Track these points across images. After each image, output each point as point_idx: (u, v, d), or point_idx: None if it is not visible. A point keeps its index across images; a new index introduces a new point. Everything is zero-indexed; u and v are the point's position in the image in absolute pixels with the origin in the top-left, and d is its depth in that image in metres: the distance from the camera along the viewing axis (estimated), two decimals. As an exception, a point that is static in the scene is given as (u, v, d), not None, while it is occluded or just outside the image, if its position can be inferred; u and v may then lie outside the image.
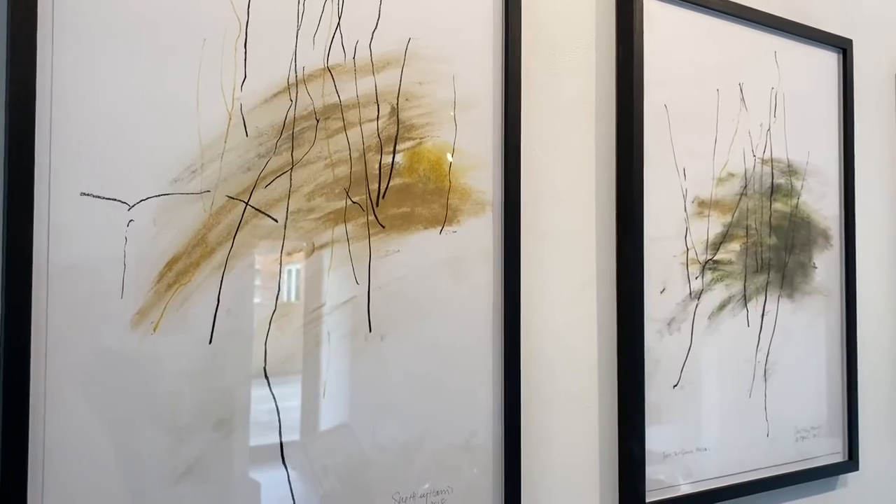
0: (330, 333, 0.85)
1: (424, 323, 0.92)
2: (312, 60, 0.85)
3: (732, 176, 1.22)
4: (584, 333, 1.09)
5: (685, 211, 1.16)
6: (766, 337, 1.26)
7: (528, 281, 1.02)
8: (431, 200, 0.93)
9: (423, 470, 0.91)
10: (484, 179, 0.97)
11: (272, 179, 0.82)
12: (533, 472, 1.03)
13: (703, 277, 1.18)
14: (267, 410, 0.81)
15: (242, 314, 0.80)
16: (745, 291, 1.23)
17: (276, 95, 0.82)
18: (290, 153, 0.83)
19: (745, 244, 1.22)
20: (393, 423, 0.89)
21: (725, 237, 1.20)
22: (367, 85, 0.88)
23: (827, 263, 1.36)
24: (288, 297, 0.82)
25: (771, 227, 1.26)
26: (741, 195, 1.23)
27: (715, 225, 1.19)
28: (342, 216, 0.86)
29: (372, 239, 0.88)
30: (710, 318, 1.18)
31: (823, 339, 1.35)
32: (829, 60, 1.39)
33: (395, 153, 0.90)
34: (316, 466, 0.85)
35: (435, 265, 0.93)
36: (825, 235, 1.35)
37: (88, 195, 0.73)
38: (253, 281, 0.80)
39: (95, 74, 0.73)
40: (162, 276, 0.76)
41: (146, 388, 0.75)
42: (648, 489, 1.10)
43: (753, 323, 1.24)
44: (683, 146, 1.16)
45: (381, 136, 0.89)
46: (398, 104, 0.90)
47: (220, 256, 0.79)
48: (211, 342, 0.78)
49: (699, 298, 1.17)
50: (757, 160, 1.25)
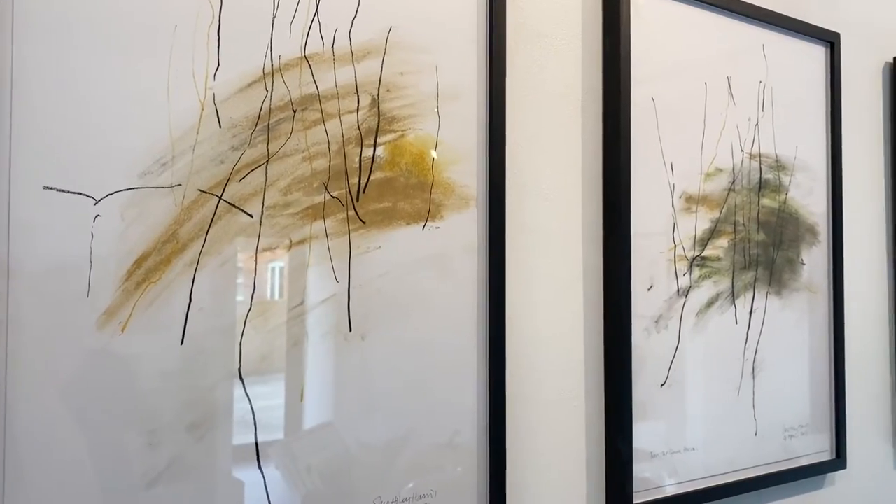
0: (308, 332, 0.82)
1: (407, 321, 0.89)
2: (289, 49, 0.82)
3: (720, 171, 1.20)
4: (570, 331, 1.07)
5: (672, 206, 1.14)
6: (754, 334, 1.24)
7: (513, 278, 1.00)
8: (414, 195, 0.90)
9: (405, 471, 0.89)
10: (468, 174, 0.94)
11: (247, 173, 0.78)
12: (518, 471, 1.00)
13: (690, 274, 1.16)
14: (242, 412, 0.78)
15: (216, 313, 0.77)
16: (732, 288, 1.21)
17: (250, 85, 0.79)
18: (265, 145, 0.80)
19: (732, 240, 1.21)
20: (374, 423, 0.87)
21: (713, 233, 1.18)
22: (346, 75, 0.85)
23: (815, 260, 1.34)
24: (264, 295, 0.79)
25: (759, 222, 1.24)
26: (729, 190, 1.21)
27: (703, 221, 1.17)
28: (321, 211, 0.83)
29: (352, 235, 0.85)
30: (697, 315, 1.16)
31: (811, 336, 1.34)
32: (816, 54, 1.37)
33: (375, 146, 0.87)
34: (294, 468, 0.82)
35: (418, 262, 0.90)
36: (813, 231, 1.34)
37: (52, 189, 0.69)
38: (227, 278, 0.77)
39: (59, 62, 0.70)
40: (131, 273, 0.73)
41: (115, 390, 0.72)
42: (636, 489, 1.08)
43: (741, 320, 1.22)
44: (671, 140, 1.14)
45: (361, 128, 0.86)
46: (379, 95, 0.87)
47: (192, 253, 0.75)
48: (183, 342, 0.75)
49: (687, 295, 1.15)
50: (745, 155, 1.23)
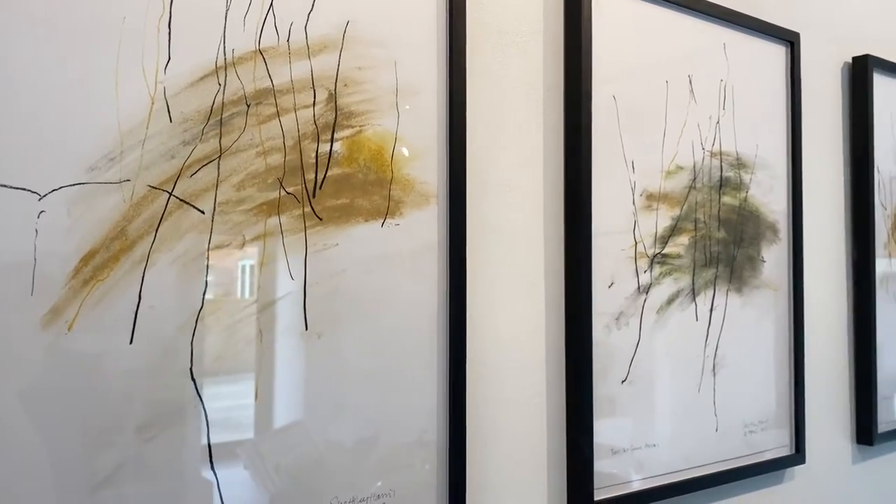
0: (263, 331, 0.80)
1: (365, 320, 0.88)
2: (243, 42, 0.80)
3: (681, 169, 1.20)
4: (532, 329, 1.07)
5: (634, 204, 1.14)
6: (714, 331, 1.25)
7: (474, 275, 0.99)
8: (372, 192, 0.89)
9: (364, 471, 0.87)
10: (428, 170, 0.94)
11: (198, 168, 0.77)
12: (480, 470, 1.00)
13: (651, 271, 1.16)
14: (194, 412, 0.76)
15: (166, 311, 0.75)
16: (693, 285, 1.21)
17: (202, 79, 0.77)
18: (218, 140, 0.78)
19: (693, 238, 1.21)
20: (331, 424, 0.85)
21: (674, 231, 1.19)
22: (302, 69, 0.84)
23: (775, 257, 1.36)
24: (216, 292, 0.77)
25: (719, 220, 1.25)
26: (690, 188, 1.21)
27: (663, 218, 1.18)
28: (275, 207, 0.81)
29: (308, 232, 0.84)
30: (658, 312, 1.17)
31: (771, 333, 1.35)
32: (777, 53, 1.39)
33: (332, 141, 0.86)
34: (250, 469, 0.81)
35: (376, 259, 0.89)
36: (773, 229, 1.35)
37: (-8, 183, 0.67)
38: (177, 276, 0.75)
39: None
40: (77, 271, 0.71)
41: (61, 391, 0.70)
42: (597, 486, 1.08)
43: (702, 317, 1.23)
44: (632, 139, 1.14)
45: (317, 123, 0.85)
46: (336, 90, 0.86)
47: (141, 250, 0.74)
48: (132, 341, 0.73)
49: (648, 293, 1.16)
50: (706, 153, 1.24)
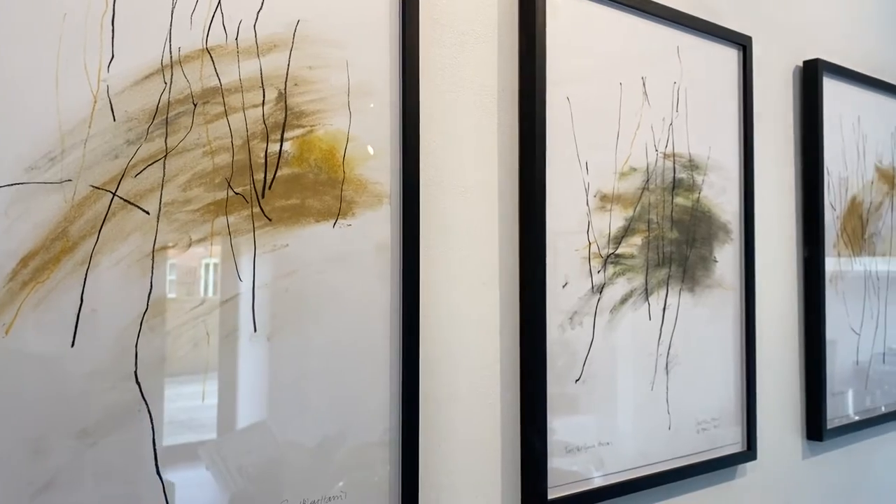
0: (210, 334, 0.79)
1: (316, 321, 0.88)
2: (190, 40, 0.79)
3: (634, 170, 1.22)
4: (486, 329, 1.07)
5: (587, 205, 1.15)
6: (667, 330, 1.27)
7: (428, 276, 0.99)
8: (324, 192, 0.88)
9: (312, 474, 0.87)
10: (381, 170, 0.93)
11: (143, 168, 0.75)
12: (433, 470, 1.00)
13: (605, 271, 1.17)
14: (139, 416, 0.75)
15: (109, 314, 0.73)
16: (646, 285, 1.23)
17: (147, 77, 0.76)
18: (163, 140, 0.77)
19: (646, 238, 1.23)
20: (280, 426, 0.85)
21: (627, 231, 1.20)
22: (251, 68, 0.83)
23: (727, 257, 1.38)
24: (162, 294, 0.76)
25: (672, 221, 1.27)
26: (643, 189, 1.23)
27: (617, 219, 1.19)
28: (223, 208, 0.81)
29: (257, 233, 0.83)
30: (612, 311, 1.18)
31: (723, 331, 1.38)
32: (729, 57, 1.41)
33: (282, 141, 0.85)
34: (198, 474, 0.80)
35: (328, 260, 0.89)
36: (725, 230, 1.38)
37: (-75, 183, 0.65)
38: (121, 278, 0.74)
39: (-67, 48, 0.66)
40: (15, 273, 0.69)
41: (-1, 396, 0.68)
42: (551, 485, 1.09)
43: (655, 316, 1.25)
44: (586, 140, 1.15)
45: (266, 122, 0.84)
46: (286, 89, 0.85)
47: (83, 251, 0.72)
48: (74, 345, 0.72)
49: (601, 292, 1.17)
50: (659, 155, 1.26)
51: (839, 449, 1.69)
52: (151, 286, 0.76)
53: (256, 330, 0.83)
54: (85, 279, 0.72)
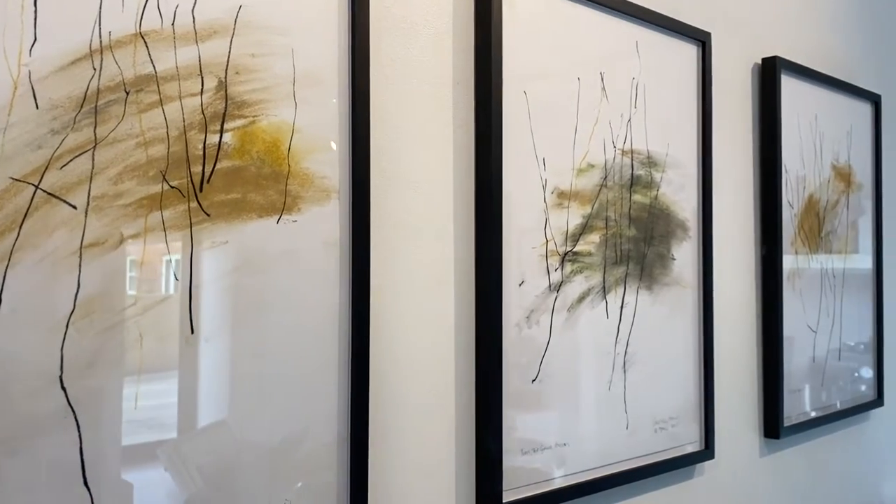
0: (143, 335, 0.75)
1: (259, 322, 0.84)
2: (121, 24, 0.74)
3: (592, 167, 1.20)
4: (440, 328, 1.04)
5: (545, 202, 1.13)
6: (625, 329, 1.25)
7: (379, 274, 0.96)
8: (267, 186, 0.84)
9: (258, 483, 0.83)
10: (329, 164, 0.90)
11: (69, 159, 0.71)
12: (385, 473, 0.96)
13: (562, 269, 1.15)
14: (65, 424, 0.70)
15: (32, 315, 0.69)
16: (604, 283, 1.21)
17: (74, 63, 0.71)
18: (92, 129, 0.72)
19: (604, 236, 1.21)
20: (218, 432, 0.81)
21: (585, 228, 1.18)
22: (189, 55, 0.79)
23: (685, 255, 1.37)
24: (90, 294, 0.72)
25: (630, 218, 1.25)
26: (601, 186, 1.21)
27: (574, 216, 1.17)
28: (158, 202, 0.76)
29: (194, 229, 0.79)
30: (569, 310, 1.16)
31: (681, 329, 1.37)
32: (689, 53, 1.40)
33: (222, 132, 0.81)
34: (128, 484, 0.75)
35: (272, 258, 0.85)
36: (683, 227, 1.37)
37: None
38: (45, 276, 0.69)
39: None
40: (-74, 271, 0.64)
41: None
42: (506, 487, 1.06)
43: (612, 315, 1.23)
44: (543, 135, 1.13)
45: (205, 112, 0.80)
46: (227, 77, 0.81)
47: (2, 248, 0.67)
48: (-8, 348, 0.67)
49: (558, 290, 1.15)
50: (617, 151, 1.24)
51: (796, 446, 1.70)
52: (79, 285, 0.71)
53: (194, 331, 0.78)
54: (4, 278, 0.67)
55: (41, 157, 0.69)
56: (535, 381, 1.12)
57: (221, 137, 0.80)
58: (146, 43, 0.76)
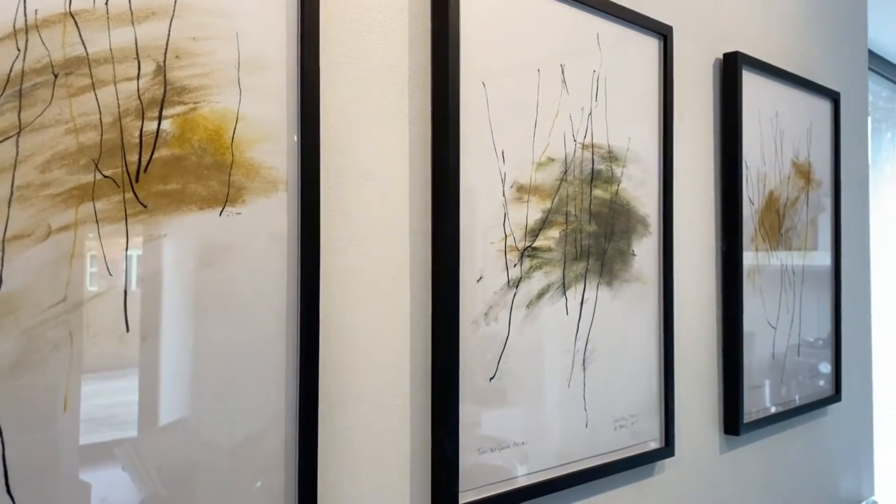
0: (73, 334, 0.70)
1: (200, 319, 0.79)
2: (49, 3, 0.70)
3: (552, 161, 1.17)
4: (395, 325, 1.01)
5: (504, 196, 1.10)
6: (584, 325, 1.23)
7: (330, 269, 0.92)
8: (209, 176, 0.80)
9: (201, 489, 0.79)
10: (276, 153, 0.86)
11: (-10, 145, 0.66)
12: (336, 474, 0.93)
13: (521, 265, 1.13)
14: (-13, 429, 0.66)
15: (-52, 312, 0.64)
16: (564, 279, 1.19)
17: (-4, 42, 0.67)
18: (16, 114, 0.67)
19: (564, 231, 1.19)
20: (158, 437, 0.76)
21: (545, 224, 1.16)
22: (124, 37, 0.74)
23: (646, 251, 1.35)
24: (14, 290, 0.67)
25: (591, 213, 1.23)
26: (561, 181, 1.18)
27: (534, 211, 1.14)
28: (89, 193, 0.72)
29: (130, 221, 0.74)
30: (528, 307, 1.14)
31: (641, 326, 1.35)
32: (650, 46, 1.38)
33: (160, 119, 0.76)
34: (58, 492, 0.71)
35: (214, 252, 0.81)
36: (644, 223, 1.35)
37: None
38: (-38, 271, 0.65)
39: None
40: None
41: None
42: (462, 488, 1.04)
43: (572, 311, 1.21)
44: (502, 128, 1.10)
45: (142, 98, 0.75)
46: (166, 62, 0.77)
47: (-86, 240, 0.63)
48: None
49: (517, 287, 1.12)
50: (577, 145, 1.22)
51: (756, 442, 1.70)
52: (1, 281, 0.66)
53: (129, 329, 0.74)
54: (-83, 272, 0.62)
55: (-41, 142, 0.65)
56: (493, 379, 1.09)
57: (160, 125, 0.76)
58: (77, 23, 0.71)
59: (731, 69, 1.60)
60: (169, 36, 0.77)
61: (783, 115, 1.76)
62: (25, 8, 0.68)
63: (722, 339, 1.60)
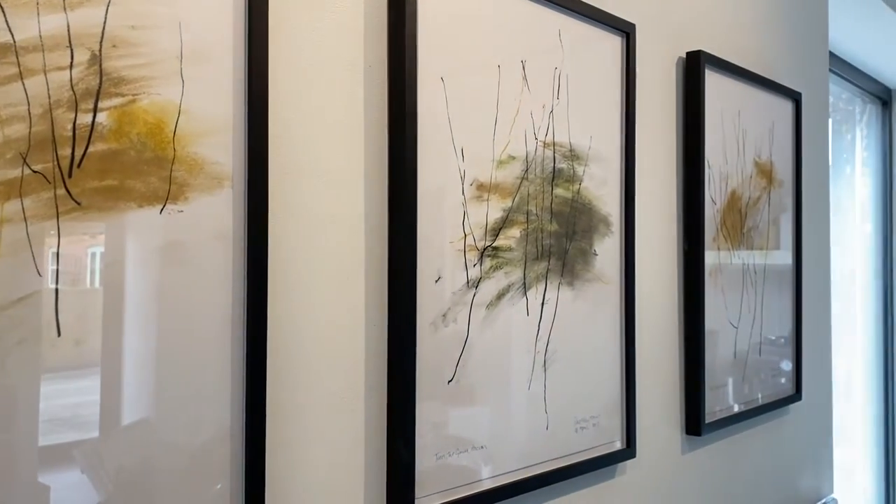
0: (-2, 338, 0.66)
1: (138, 323, 0.75)
2: (-28, -15, 0.65)
3: (513, 159, 1.15)
4: (349, 328, 0.98)
5: (463, 194, 1.08)
6: (545, 326, 1.21)
7: (279, 269, 0.89)
8: (149, 172, 0.76)
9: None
10: (221, 148, 0.82)
11: None
12: (286, 481, 0.90)
13: (481, 265, 1.10)
14: None
15: None
16: (524, 279, 1.17)
17: (-89, 26, 0.62)
18: (-66, 104, 0.63)
19: (525, 230, 1.16)
20: (93, 447, 0.72)
21: (505, 223, 1.13)
22: (56, 23, 0.70)
23: (607, 251, 1.34)
24: (-68, 292, 0.63)
25: (552, 213, 1.21)
26: (522, 179, 1.16)
27: (494, 210, 1.12)
28: (16, 189, 0.67)
29: (62, 219, 0.70)
30: (488, 308, 1.11)
31: (603, 326, 1.34)
32: (612, 44, 1.37)
33: (96, 111, 0.72)
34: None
35: (153, 252, 0.77)
36: (606, 222, 1.33)
37: None
38: None
39: None
40: None
41: None
42: (419, 494, 1.01)
43: (533, 312, 1.19)
44: (461, 124, 1.07)
45: (76, 89, 0.71)
46: (102, 51, 0.73)
47: None
48: None
49: (477, 287, 1.10)
50: (539, 143, 1.20)
51: (717, 442, 1.70)
52: (-84, 282, 0.62)
53: (61, 334, 0.70)
54: None
55: None
56: (451, 381, 1.07)
57: (95, 117, 0.72)
58: (2, 7, 0.67)
59: (693, 68, 1.59)
60: (105, 23, 0.73)
61: (745, 114, 1.76)
62: (-56, -10, 0.64)
63: (684, 338, 1.59)
